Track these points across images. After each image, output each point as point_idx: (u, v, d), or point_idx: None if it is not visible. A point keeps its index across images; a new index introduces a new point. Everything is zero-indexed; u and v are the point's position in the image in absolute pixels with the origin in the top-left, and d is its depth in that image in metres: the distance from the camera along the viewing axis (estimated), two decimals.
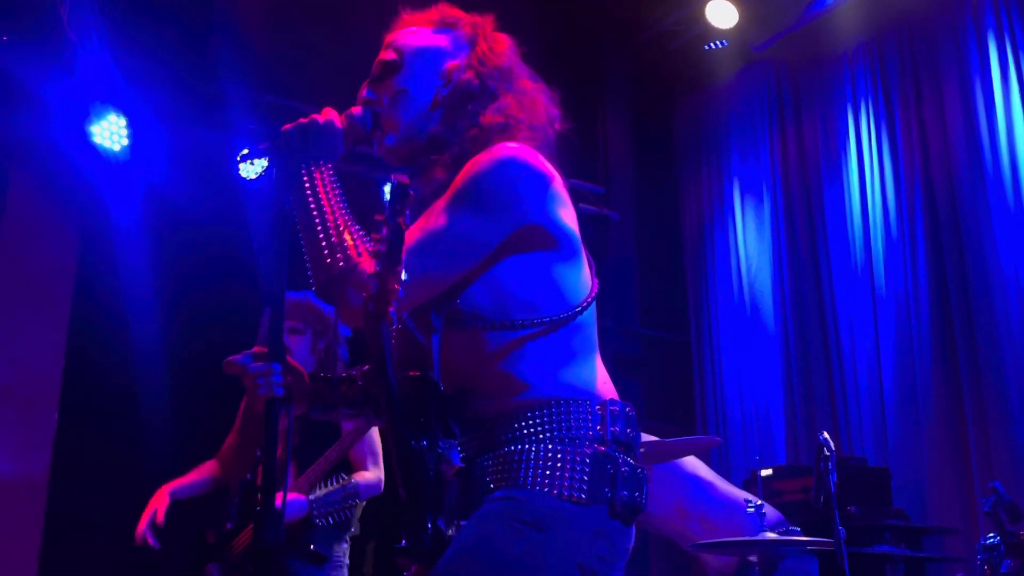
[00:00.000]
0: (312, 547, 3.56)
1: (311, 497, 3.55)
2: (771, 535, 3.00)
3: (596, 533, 1.68)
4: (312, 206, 1.78)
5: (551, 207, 1.81)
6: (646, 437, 2.72)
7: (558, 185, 1.84)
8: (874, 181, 6.47)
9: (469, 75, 1.92)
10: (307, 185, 1.80)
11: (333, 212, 1.78)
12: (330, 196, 1.80)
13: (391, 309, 1.57)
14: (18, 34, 4.93)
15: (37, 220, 5.44)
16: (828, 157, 6.82)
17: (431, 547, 1.60)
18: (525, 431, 1.72)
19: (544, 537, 1.63)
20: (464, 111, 1.90)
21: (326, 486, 3.58)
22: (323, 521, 3.55)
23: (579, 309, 1.80)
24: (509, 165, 1.77)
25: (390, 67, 1.95)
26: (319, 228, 1.76)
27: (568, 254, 1.82)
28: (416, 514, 1.61)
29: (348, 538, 3.78)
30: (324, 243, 1.75)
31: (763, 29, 6.95)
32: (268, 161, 1.87)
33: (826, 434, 3.16)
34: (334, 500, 3.58)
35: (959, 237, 5.98)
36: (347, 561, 3.76)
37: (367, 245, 1.77)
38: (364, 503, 3.81)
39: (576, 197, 2.19)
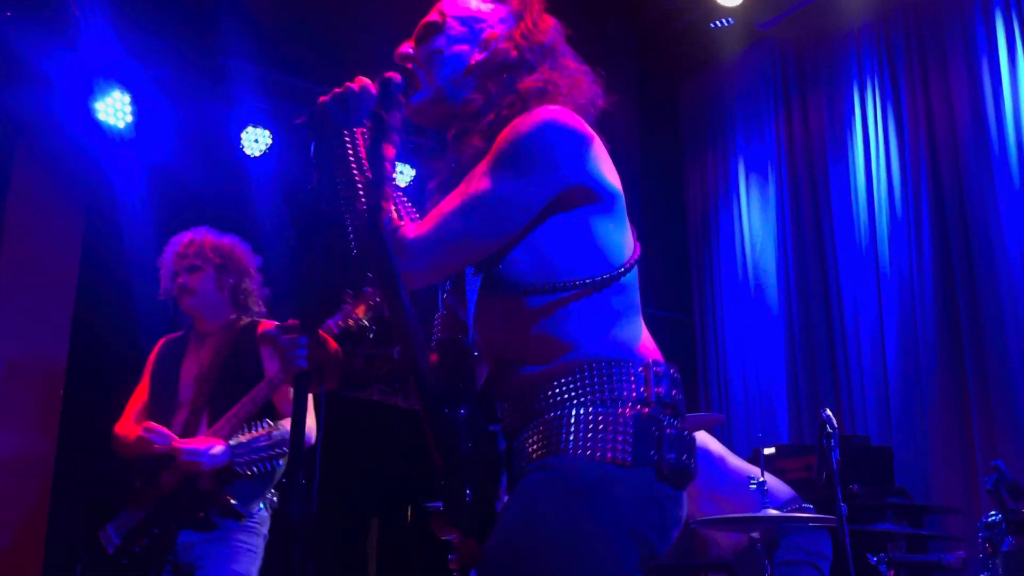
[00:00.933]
0: (232, 501, 3.29)
1: (232, 443, 3.29)
2: (772, 511, 3.01)
3: (645, 498, 1.64)
4: (355, 171, 1.77)
5: (593, 167, 1.77)
6: None
7: (599, 146, 1.82)
8: (879, 161, 6.45)
9: (508, 45, 1.91)
10: (349, 151, 1.79)
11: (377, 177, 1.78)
12: (373, 162, 1.80)
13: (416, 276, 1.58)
14: (21, 9, 4.91)
15: (42, 198, 5.45)
16: (833, 136, 6.79)
17: (470, 514, 1.58)
18: (566, 395, 1.68)
19: (590, 504, 1.59)
20: (499, 79, 1.88)
21: (248, 431, 3.31)
22: (243, 470, 3.27)
23: (623, 270, 1.77)
24: (550, 126, 1.74)
25: (431, 28, 1.94)
26: (362, 192, 1.76)
27: (611, 213, 1.79)
28: (453, 482, 1.58)
29: (269, 504, 3.45)
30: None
31: (769, 7, 6.91)
32: (304, 136, 1.85)
33: (829, 411, 3.17)
34: (258, 448, 3.29)
35: (964, 217, 5.97)
36: (265, 532, 3.43)
37: (408, 211, 1.77)
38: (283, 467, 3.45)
39: None
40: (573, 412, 1.66)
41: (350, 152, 1.78)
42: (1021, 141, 5.74)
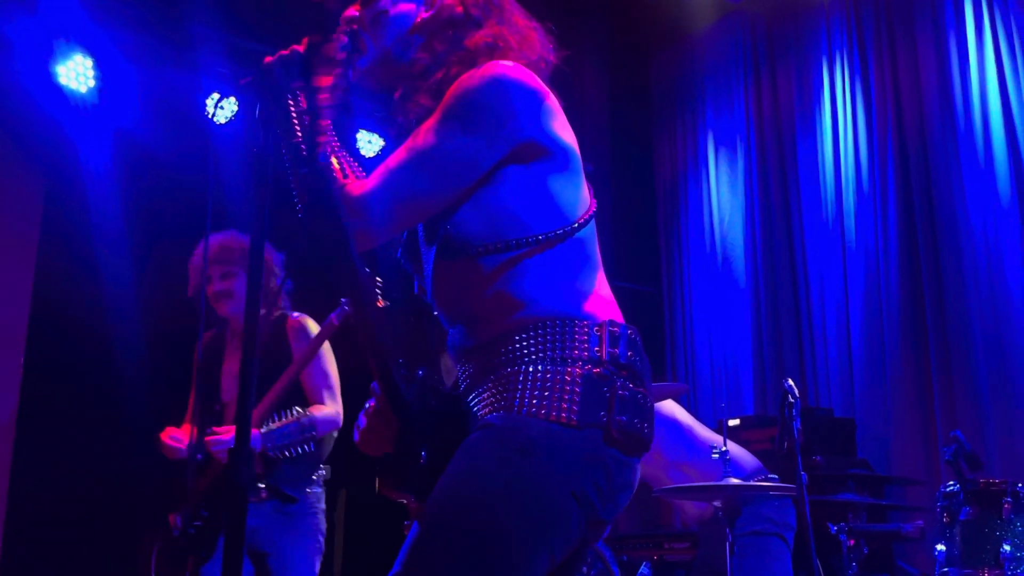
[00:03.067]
0: (272, 484, 3.52)
1: (262, 431, 3.47)
2: (735, 480, 3.03)
3: (591, 459, 1.60)
4: (298, 131, 1.74)
5: (544, 122, 1.75)
6: None
7: (551, 101, 1.80)
8: (847, 135, 6.49)
9: (452, 1, 1.88)
10: (293, 113, 1.75)
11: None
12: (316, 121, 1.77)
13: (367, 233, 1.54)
14: None
15: (1, 164, 5.35)
16: (802, 111, 6.82)
17: (425, 478, 1.55)
18: (518, 352, 1.65)
19: (532, 463, 1.56)
20: (445, 36, 1.86)
21: (279, 419, 3.51)
22: (278, 454, 3.47)
23: (577, 225, 1.74)
24: (500, 81, 1.72)
25: None
26: (305, 151, 1.72)
27: (564, 168, 1.77)
28: (407, 444, 1.56)
29: (321, 481, 3.71)
30: None
31: None
32: (251, 97, 1.82)
33: (791, 381, 3.19)
34: (289, 433, 3.49)
35: (929, 193, 6.02)
36: (323, 506, 3.69)
37: (355, 169, 1.74)
38: (332, 444, 3.76)
39: None
40: (524, 370, 1.64)
41: (293, 113, 1.75)
42: (987, 118, 5.78)
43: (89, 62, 5.24)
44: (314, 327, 3.69)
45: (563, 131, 1.80)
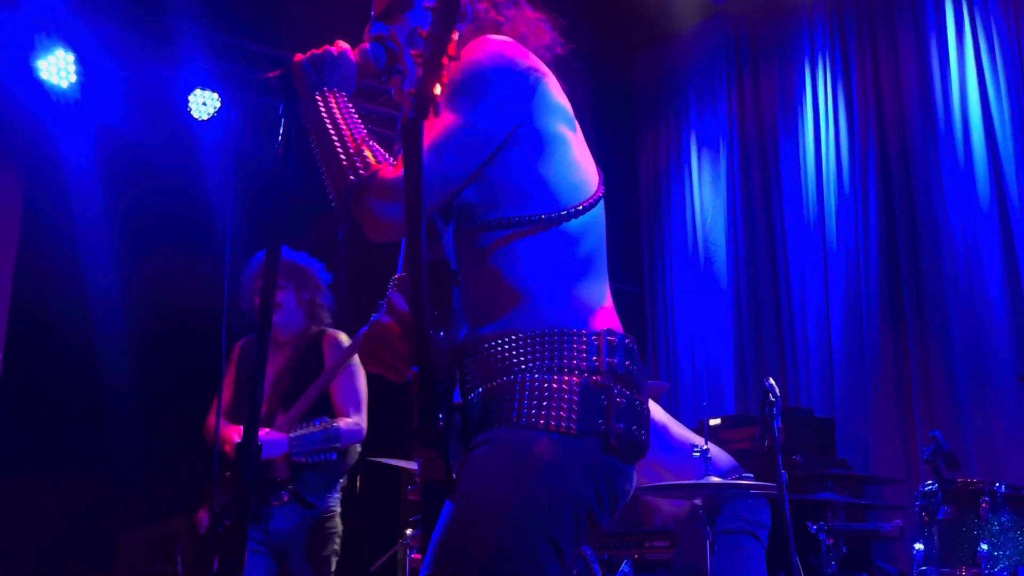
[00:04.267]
0: (294, 489, 3.70)
1: (291, 435, 3.68)
2: (715, 479, 3.04)
3: (591, 468, 1.61)
4: (328, 125, 1.74)
5: (547, 101, 1.77)
6: None
7: (552, 81, 1.81)
8: (828, 137, 6.52)
9: (485, 5, 1.89)
10: (322, 108, 1.76)
11: (351, 129, 1.74)
12: (347, 116, 1.76)
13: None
14: None
15: None
16: (784, 112, 6.85)
17: (443, 433, 1.53)
18: (515, 360, 1.65)
19: (537, 475, 1.57)
20: (470, 35, 1.86)
21: (306, 426, 3.70)
22: (300, 459, 3.67)
23: (580, 208, 1.74)
24: (503, 56, 1.73)
25: (400, 5, 1.91)
26: (337, 144, 1.72)
27: (566, 151, 1.77)
28: (429, 399, 1.53)
29: (340, 489, 3.91)
30: (343, 157, 1.70)
31: None
32: (277, 93, 1.82)
33: (772, 380, 3.21)
34: (314, 440, 3.69)
35: (910, 194, 6.06)
36: (339, 510, 3.90)
37: (384, 156, 1.73)
38: (356, 456, 3.93)
39: None
40: (521, 379, 1.63)
41: (323, 111, 1.75)
42: (967, 120, 5.83)
43: (71, 57, 5.21)
44: (347, 341, 3.89)
45: (560, 113, 1.80)
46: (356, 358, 3.84)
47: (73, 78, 5.25)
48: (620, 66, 7.98)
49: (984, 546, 3.62)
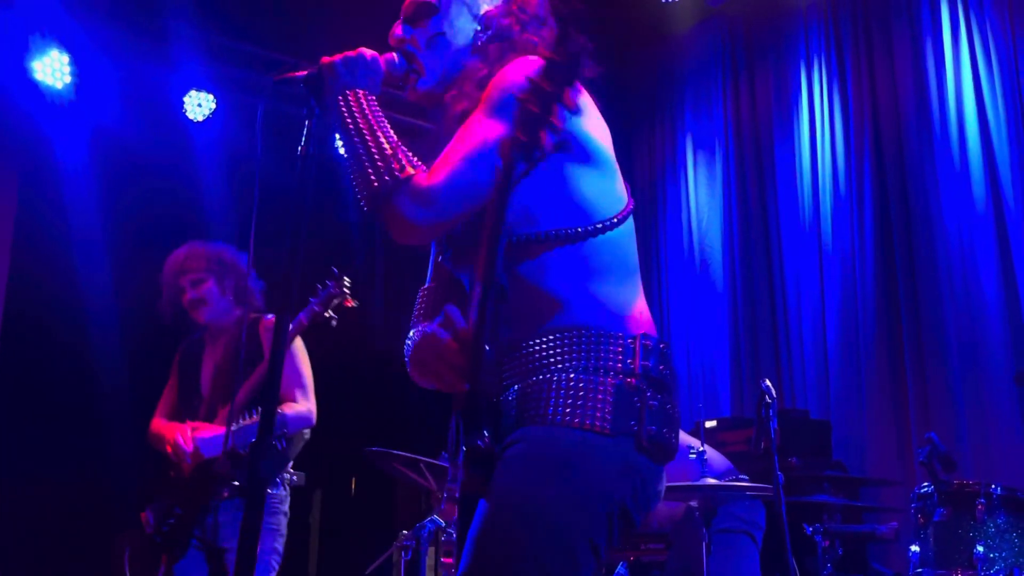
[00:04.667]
0: (236, 483, 3.56)
1: (232, 428, 3.55)
2: (711, 480, 3.04)
3: (625, 467, 1.64)
4: (363, 125, 1.77)
5: (581, 118, 1.79)
6: None
7: (587, 99, 1.84)
8: (824, 139, 6.52)
9: (509, 20, 1.91)
10: (355, 108, 1.78)
11: (384, 132, 1.77)
12: (379, 119, 1.79)
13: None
14: None
15: None
16: (780, 114, 6.85)
17: (492, 451, 1.56)
18: (551, 360, 1.68)
19: (574, 475, 1.60)
20: (499, 47, 1.90)
21: (250, 417, 3.56)
22: (247, 451, 3.47)
23: (612, 222, 1.77)
24: (525, 73, 1.73)
25: (426, 9, 1.93)
26: (371, 144, 1.75)
27: (598, 166, 1.80)
28: (474, 417, 1.55)
29: (286, 484, 3.73)
30: (378, 158, 1.73)
31: None
32: (305, 91, 1.83)
33: (768, 382, 3.21)
34: (255, 429, 3.50)
35: (905, 196, 6.06)
36: (286, 509, 3.72)
37: (413, 161, 1.75)
38: (302, 444, 3.78)
39: None
40: (556, 378, 1.66)
41: (356, 110, 1.78)
42: (963, 123, 5.83)
43: (66, 58, 5.20)
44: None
45: (597, 128, 1.84)
46: (299, 340, 3.77)
47: (68, 79, 5.24)
48: (615, 68, 7.98)
49: (980, 548, 3.62)
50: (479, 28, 1.92)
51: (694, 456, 3.18)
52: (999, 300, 5.52)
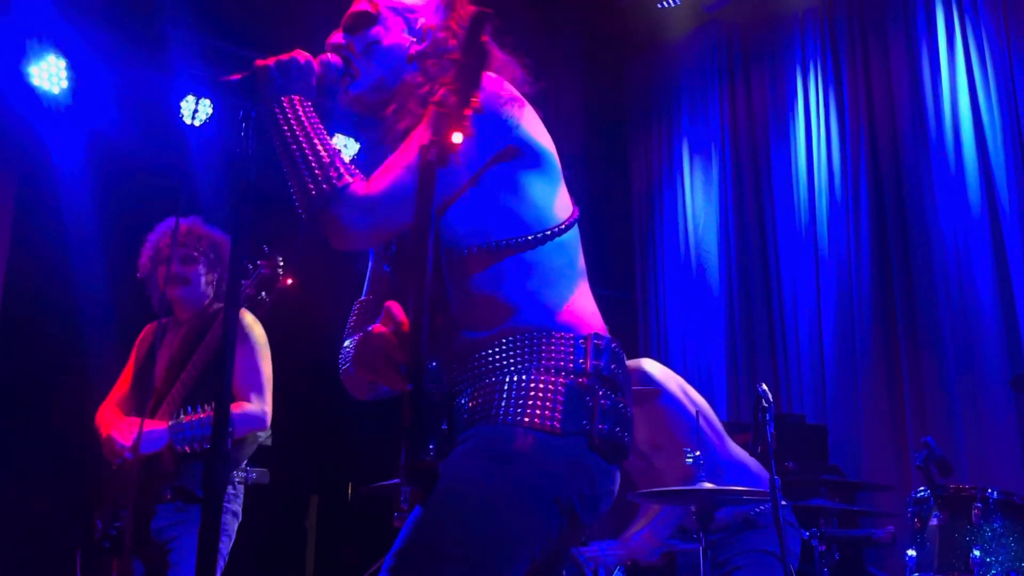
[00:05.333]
0: (179, 485, 3.38)
1: (172, 423, 3.36)
2: (708, 485, 3.05)
3: (574, 467, 1.64)
4: (299, 132, 1.77)
5: (525, 129, 1.82)
6: None
7: (530, 111, 1.87)
8: (820, 144, 6.54)
9: (445, 34, 1.94)
10: (291, 114, 1.79)
11: (320, 139, 1.78)
12: (315, 125, 1.80)
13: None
14: None
15: None
16: (776, 119, 6.87)
17: (435, 466, 1.54)
18: (504, 361, 1.69)
19: (517, 469, 1.60)
20: (438, 61, 1.92)
21: (192, 412, 3.36)
22: (183, 447, 3.32)
23: (559, 228, 1.80)
24: (484, 89, 1.76)
25: (364, 18, 1.96)
26: (308, 151, 1.76)
27: (545, 175, 1.84)
28: (417, 434, 1.56)
29: (236, 483, 3.51)
30: (315, 165, 1.74)
31: None
32: (237, 96, 1.81)
33: (764, 386, 3.21)
34: (201, 426, 3.32)
35: (901, 201, 6.08)
36: (236, 508, 3.52)
37: (351, 170, 1.76)
38: (255, 446, 3.59)
39: None
40: (508, 379, 1.67)
41: (291, 116, 1.78)
42: (958, 127, 5.85)
43: (62, 63, 5.20)
44: (250, 319, 3.56)
45: (542, 137, 1.86)
46: (263, 336, 3.58)
47: (65, 84, 5.23)
48: (613, 73, 8.00)
49: (976, 552, 3.63)
50: (415, 40, 1.95)
51: (690, 461, 3.18)
52: (994, 304, 5.54)
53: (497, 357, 1.70)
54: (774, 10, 6.97)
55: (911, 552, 3.84)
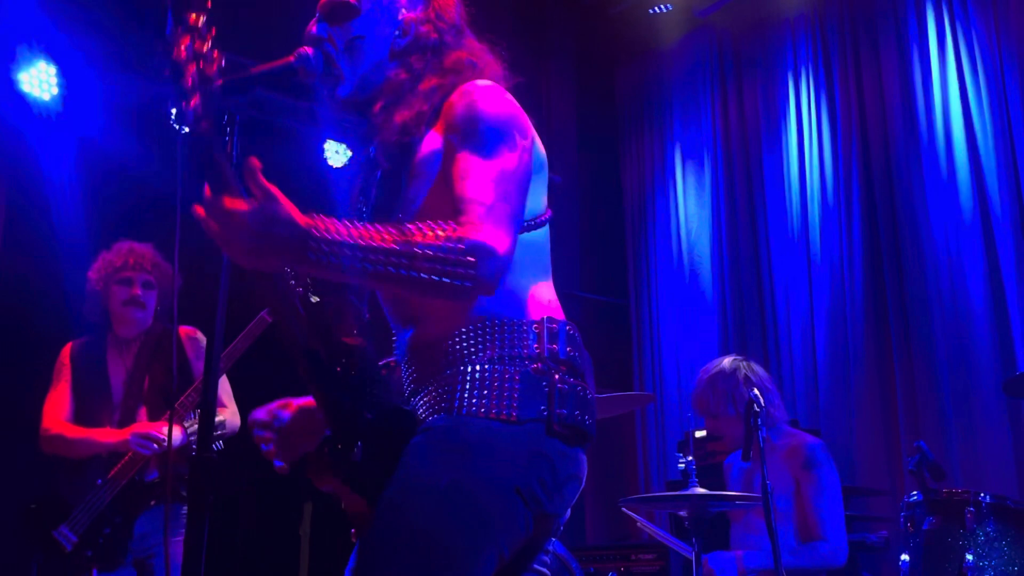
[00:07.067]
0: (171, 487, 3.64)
1: (186, 427, 3.67)
2: (700, 490, 3.04)
3: (534, 454, 1.62)
4: (381, 256, 1.61)
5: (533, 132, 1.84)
6: None
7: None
8: (812, 149, 6.55)
9: (427, 28, 1.92)
10: (334, 249, 1.63)
11: (382, 231, 1.64)
12: (360, 229, 1.75)
13: None
14: None
15: None
16: (768, 124, 6.88)
17: (358, 471, 1.55)
18: (461, 352, 1.68)
19: (473, 462, 1.59)
20: (422, 58, 1.90)
21: (194, 418, 3.65)
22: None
23: (531, 224, 1.79)
24: (502, 99, 1.78)
25: (346, 10, 1.90)
26: (404, 259, 1.61)
27: (540, 173, 1.84)
28: (340, 435, 1.55)
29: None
30: (427, 263, 1.63)
31: None
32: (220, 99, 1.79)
33: (756, 391, 3.21)
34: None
35: (893, 206, 6.09)
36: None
37: (445, 225, 1.66)
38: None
39: None
40: (464, 370, 1.66)
41: (335, 250, 1.58)
42: (949, 132, 5.86)
43: (52, 69, 5.18)
44: (202, 337, 3.89)
45: (538, 138, 1.87)
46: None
47: (55, 90, 5.21)
48: (605, 78, 8.00)
49: (969, 556, 3.62)
50: (397, 34, 1.92)
51: (682, 466, 3.18)
52: (987, 309, 5.54)
53: (456, 347, 1.69)
54: (765, 15, 6.98)
55: (904, 557, 3.83)
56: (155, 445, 3.59)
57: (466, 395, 1.64)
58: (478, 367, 1.66)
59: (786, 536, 3.56)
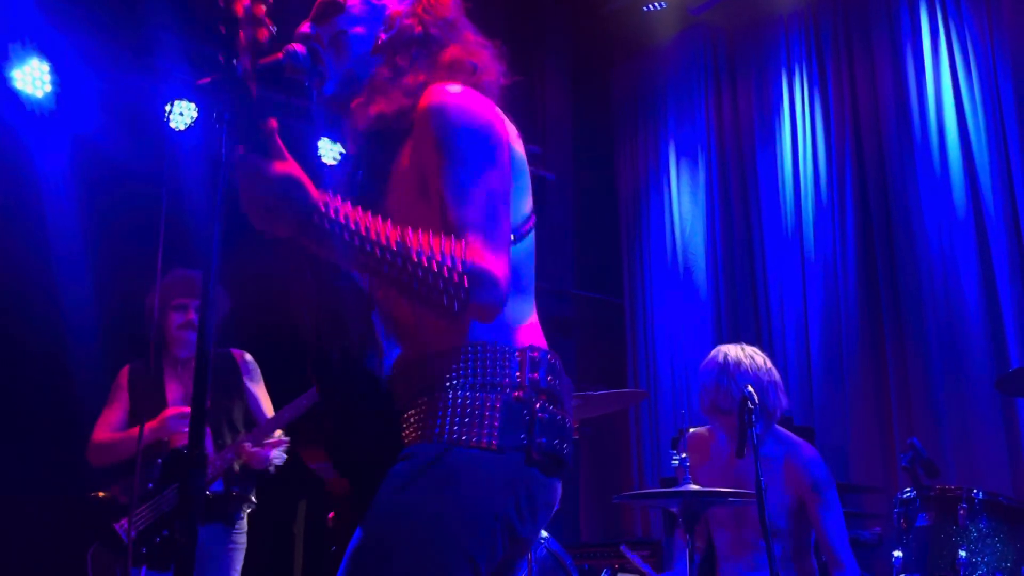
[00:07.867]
0: (239, 494, 3.92)
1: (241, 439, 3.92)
2: (693, 487, 3.04)
3: (512, 482, 1.64)
4: (375, 248, 1.62)
5: (513, 141, 1.81)
6: None
7: (506, 121, 1.84)
8: (806, 146, 6.56)
9: (412, 22, 1.89)
10: (342, 222, 1.65)
11: (381, 231, 1.65)
12: (367, 221, 1.71)
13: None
14: None
15: None
16: (762, 122, 6.89)
17: (349, 455, 1.59)
18: (439, 378, 1.68)
19: (456, 489, 1.60)
20: (407, 54, 1.87)
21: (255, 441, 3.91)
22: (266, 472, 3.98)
23: (515, 234, 1.76)
24: (475, 107, 1.73)
25: (332, 7, 1.90)
26: (401, 261, 1.63)
27: (519, 179, 1.81)
28: (335, 419, 1.57)
29: (248, 506, 4.04)
30: (420, 274, 1.62)
31: None
32: (206, 95, 1.79)
33: (750, 387, 3.22)
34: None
35: (886, 203, 6.10)
36: (246, 528, 4.04)
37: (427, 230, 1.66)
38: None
39: None
40: (444, 396, 1.66)
41: (351, 224, 1.61)
42: (942, 129, 5.88)
43: (46, 67, 5.16)
44: (252, 359, 4.17)
45: (517, 143, 1.84)
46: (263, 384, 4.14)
47: (48, 88, 5.20)
48: (599, 76, 8.00)
49: (963, 553, 3.63)
50: (383, 28, 1.90)
51: (676, 463, 3.19)
52: (980, 306, 5.56)
53: (438, 371, 1.69)
54: (759, 13, 6.99)
55: (897, 553, 3.84)
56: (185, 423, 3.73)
57: (447, 422, 1.64)
58: (459, 393, 1.66)
59: (784, 561, 3.55)
